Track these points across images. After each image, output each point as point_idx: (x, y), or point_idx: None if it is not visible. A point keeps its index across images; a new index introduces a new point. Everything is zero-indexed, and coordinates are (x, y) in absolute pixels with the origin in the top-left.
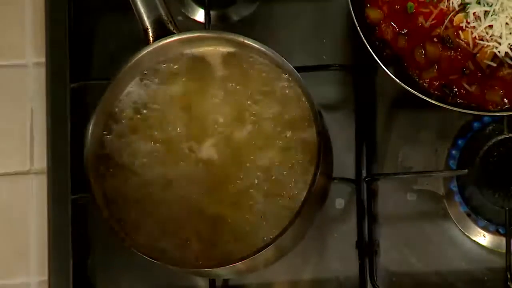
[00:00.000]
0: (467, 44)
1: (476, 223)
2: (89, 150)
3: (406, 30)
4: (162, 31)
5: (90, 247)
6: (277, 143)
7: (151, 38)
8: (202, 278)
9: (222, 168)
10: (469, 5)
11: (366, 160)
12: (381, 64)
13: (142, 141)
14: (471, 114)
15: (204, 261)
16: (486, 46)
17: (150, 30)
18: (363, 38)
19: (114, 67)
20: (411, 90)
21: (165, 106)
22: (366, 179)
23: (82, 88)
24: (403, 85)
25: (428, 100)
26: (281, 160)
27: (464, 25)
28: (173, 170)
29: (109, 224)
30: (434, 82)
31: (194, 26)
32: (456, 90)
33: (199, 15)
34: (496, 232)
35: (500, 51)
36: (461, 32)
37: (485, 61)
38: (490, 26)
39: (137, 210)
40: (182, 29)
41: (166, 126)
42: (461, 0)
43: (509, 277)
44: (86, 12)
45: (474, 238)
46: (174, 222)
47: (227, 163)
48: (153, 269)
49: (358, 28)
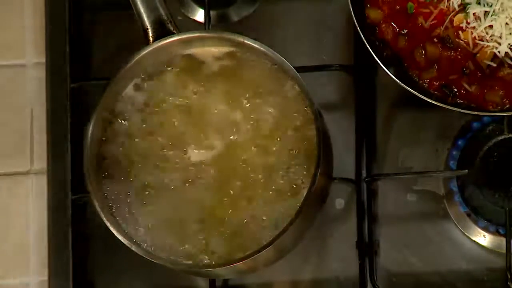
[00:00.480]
0: (467, 44)
1: (476, 224)
2: (89, 150)
3: (406, 30)
4: (162, 31)
5: (90, 247)
6: (276, 143)
7: (151, 38)
8: (202, 278)
9: (222, 168)
10: (469, 5)
11: (366, 160)
12: (381, 64)
13: (141, 141)
14: (471, 114)
15: (205, 260)
16: (486, 46)
17: (150, 30)
18: (363, 38)
19: (114, 67)
20: (411, 90)
21: (164, 106)
22: (366, 179)
23: (82, 88)
24: (403, 85)
25: (428, 100)
26: (280, 160)
27: (464, 25)
28: (172, 171)
29: (108, 223)
30: (434, 82)
31: (194, 26)
32: (456, 90)
33: (199, 15)
34: (496, 232)
35: (500, 51)
36: (461, 32)
37: (485, 61)
38: (490, 26)
39: (137, 210)
40: (182, 29)
41: (166, 127)
42: (461, 0)
43: (509, 277)
44: (86, 12)
45: (474, 238)
46: (174, 223)
47: (227, 164)
48: (153, 269)
49: (358, 28)
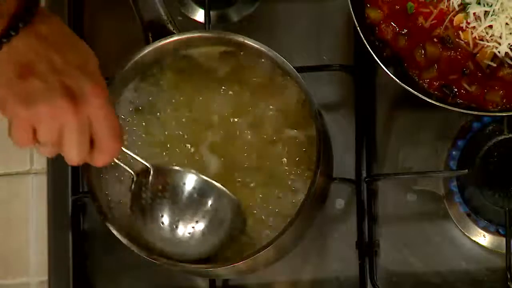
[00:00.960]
0: (467, 44)
1: (476, 224)
2: None
3: (406, 30)
4: (162, 31)
5: (90, 247)
6: (276, 143)
7: (151, 38)
8: (202, 278)
9: (221, 169)
10: (469, 5)
11: (366, 160)
12: (381, 64)
13: (141, 141)
14: (471, 114)
15: (204, 260)
16: (486, 46)
17: (150, 30)
18: (363, 38)
19: (113, 67)
20: (411, 90)
21: (164, 106)
22: (366, 180)
23: None
24: (403, 85)
25: (428, 100)
26: (280, 160)
27: (464, 25)
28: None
29: (108, 223)
30: (434, 82)
31: (194, 26)
32: (456, 90)
33: (199, 15)
34: (496, 232)
35: (500, 51)
36: (461, 32)
37: (485, 61)
38: (490, 26)
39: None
40: (182, 29)
41: (165, 128)
42: (461, 0)
43: (509, 277)
44: (86, 12)
45: (474, 239)
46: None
47: (226, 164)
48: (153, 269)
49: (358, 28)
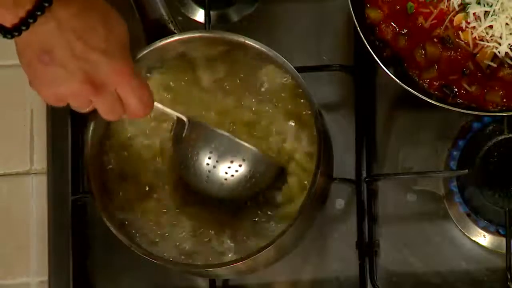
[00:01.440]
0: (467, 44)
1: (476, 224)
2: (89, 149)
3: (406, 30)
4: (163, 31)
5: (90, 247)
6: (277, 144)
7: (152, 38)
8: (202, 278)
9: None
10: (469, 5)
11: (366, 160)
12: (381, 64)
13: (143, 140)
14: (471, 114)
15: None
16: (486, 46)
17: (151, 29)
18: (363, 38)
19: None
20: (411, 90)
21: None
22: (366, 180)
23: None
24: (403, 85)
25: (428, 100)
26: (282, 160)
27: (464, 25)
28: (173, 171)
29: (108, 223)
30: (434, 83)
31: (194, 26)
32: (456, 90)
33: (199, 15)
34: (496, 232)
35: (500, 52)
36: (461, 32)
37: (485, 61)
38: (490, 27)
39: (138, 210)
40: (182, 29)
41: (166, 126)
42: (461, 0)
43: (509, 277)
44: None
45: (474, 239)
46: (176, 223)
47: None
48: (153, 269)
49: (358, 28)
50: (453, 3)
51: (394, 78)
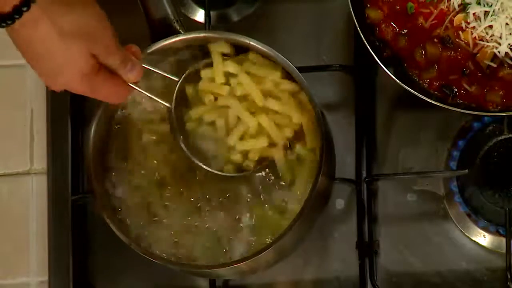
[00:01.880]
0: (467, 44)
1: (476, 224)
2: (91, 148)
3: (406, 31)
4: (168, 30)
5: (90, 247)
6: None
7: (157, 37)
8: (202, 278)
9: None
10: (469, 5)
11: (366, 160)
12: (381, 64)
13: (144, 140)
14: (471, 114)
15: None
16: (486, 46)
17: (156, 28)
18: (363, 38)
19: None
20: (411, 90)
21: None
22: (366, 180)
23: None
24: (403, 85)
25: (428, 100)
26: (282, 160)
27: (464, 25)
28: (176, 170)
29: (108, 221)
30: (434, 83)
31: (194, 26)
32: (456, 90)
33: (199, 15)
34: (496, 232)
35: (500, 51)
36: (461, 32)
37: (485, 61)
38: (490, 27)
39: (139, 209)
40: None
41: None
42: (461, 0)
43: (509, 277)
44: None
45: (474, 239)
46: (177, 222)
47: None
48: (153, 269)
49: (358, 28)
50: (453, 3)
51: (394, 78)
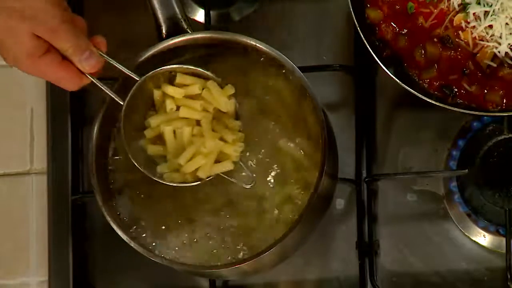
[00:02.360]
0: (467, 44)
1: (476, 224)
2: (94, 147)
3: (406, 30)
4: (175, 29)
5: (90, 247)
6: (281, 144)
7: (164, 36)
8: (202, 278)
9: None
10: (469, 5)
11: (366, 160)
12: (381, 64)
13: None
14: (471, 114)
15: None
16: (486, 46)
17: (163, 27)
18: (363, 38)
19: (113, 67)
20: (411, 90)
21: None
22: (366, 180)
23: (82, 87)
24: (403, 85)
25: (428, 100)
26: (283, 161)
27: (464, 25)
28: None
29: (108, 218)
30: (434, 82)
31: (195, 26)
32: (456, 90)
33: (199, 15)
34: (496, 232)
35: (500, 51)
36: (461, 32)
37: (485, 61)
38: (490, 26)
39: (140, 209)
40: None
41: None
42: (461, 0)
43: (509, 277)
44: (86, 12)
45: (474, 239)
46: (178, 222)
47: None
48: (153, 269)
49: (358, 28)
50: (453, 3)
51: (394, 78)
